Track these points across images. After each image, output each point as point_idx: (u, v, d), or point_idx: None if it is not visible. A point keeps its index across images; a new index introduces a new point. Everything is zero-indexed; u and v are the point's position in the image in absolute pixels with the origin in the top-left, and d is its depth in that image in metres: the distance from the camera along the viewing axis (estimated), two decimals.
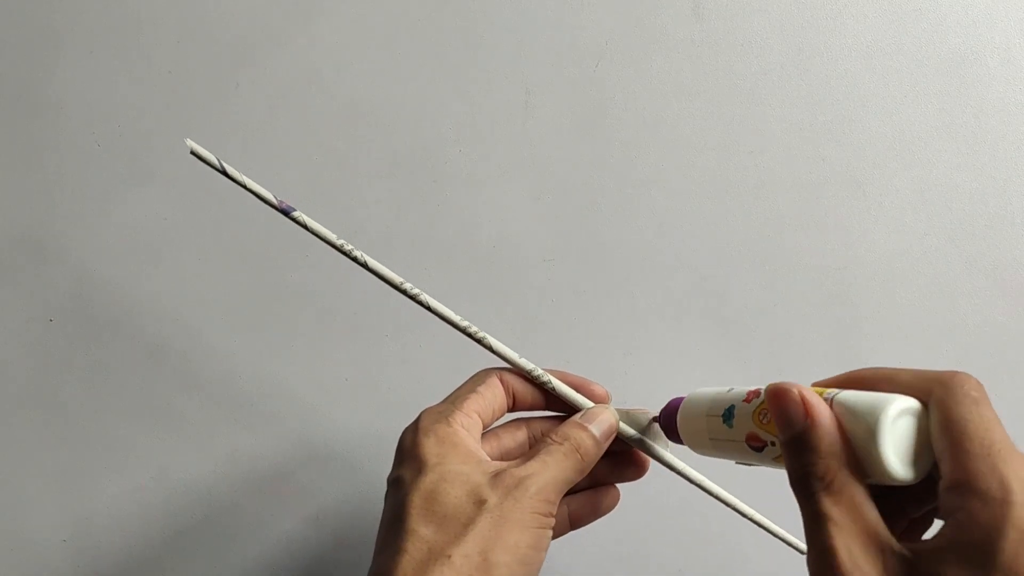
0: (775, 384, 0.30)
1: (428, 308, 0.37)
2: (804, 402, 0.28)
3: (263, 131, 0.51)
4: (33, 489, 0.49)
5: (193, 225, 0.50)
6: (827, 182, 0.52)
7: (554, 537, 0.37)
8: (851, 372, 0.31)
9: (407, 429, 0.36)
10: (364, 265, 0.37)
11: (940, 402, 0.27)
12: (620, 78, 0.52)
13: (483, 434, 0.37)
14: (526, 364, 0.38)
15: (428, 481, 0.32)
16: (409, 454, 0.34)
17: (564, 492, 0.34)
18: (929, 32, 0.53)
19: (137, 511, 0.49)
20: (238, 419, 0.49)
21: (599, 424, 0.36)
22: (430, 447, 0.34)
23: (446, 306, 0.37)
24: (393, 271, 0.37)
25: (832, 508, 0.27)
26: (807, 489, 0.28)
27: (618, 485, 0.40)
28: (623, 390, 0.50)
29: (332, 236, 0.36)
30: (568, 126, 0.52)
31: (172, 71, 0.51)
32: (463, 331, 0.37)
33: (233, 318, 0.50)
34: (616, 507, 0.40)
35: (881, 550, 0.26)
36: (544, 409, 0.39)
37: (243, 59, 0.51)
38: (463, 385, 0.38)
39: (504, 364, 0.38)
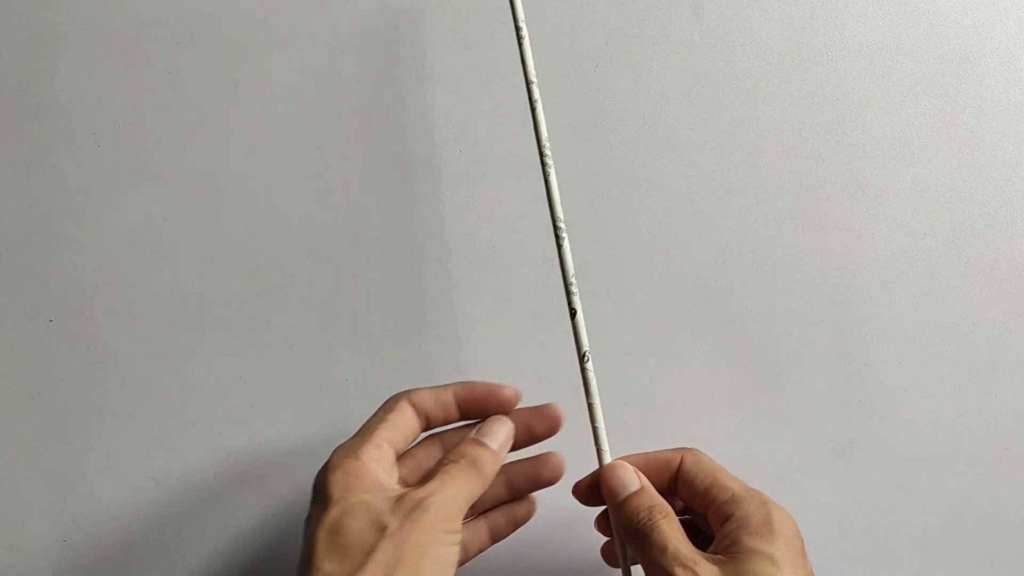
0: (607, 466, 0.39)
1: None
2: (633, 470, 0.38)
3: (263, 131, 0.51)
4: (33, 489, 0.49)
5: (193, 225, 0.50)
6: (827, 182, 0.52)
7: (476, 552, 0.40)
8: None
9: (320, 469, 0.36)
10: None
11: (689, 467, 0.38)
12: (620, 78, 0.52)
13: (401, 457, 0.38)
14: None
15: (332, 516, 0.33)
16: (318, 492, 0.35)
17: (466, 507, 0.35)
18: (929, 32, 0.53)
19: (137, 511, 0.49)
20: (238, 419, 0.49)
21: (493, 436, 0.38)
22: (336, 482, 0.34)
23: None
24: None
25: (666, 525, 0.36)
26: (651, 519, 0.36)
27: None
28: (623, 391, 0.50)
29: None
30: (568, 126, 0.52)
31: (172, 71, 0.51)
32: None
33: (233, 318, 0.50)
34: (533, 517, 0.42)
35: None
36: (458, 422, 0.40)
37: (243, 59, 0.51)
38: (373, 416, 0.38)
39: (413, 387, 0.39)
